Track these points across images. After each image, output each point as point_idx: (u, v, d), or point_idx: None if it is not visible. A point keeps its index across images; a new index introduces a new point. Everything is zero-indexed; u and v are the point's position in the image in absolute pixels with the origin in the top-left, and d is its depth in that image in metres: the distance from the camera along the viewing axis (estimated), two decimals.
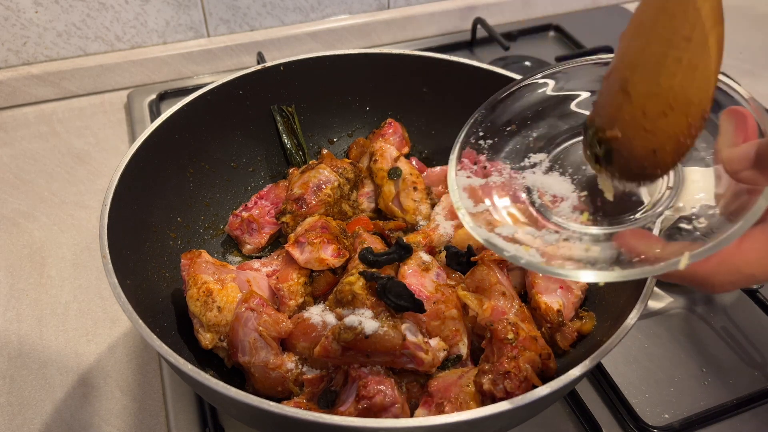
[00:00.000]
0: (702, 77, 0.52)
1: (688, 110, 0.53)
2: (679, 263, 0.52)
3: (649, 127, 0.54)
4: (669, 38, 0.52)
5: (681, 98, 0.52)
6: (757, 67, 1.54)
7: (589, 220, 0.64)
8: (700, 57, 0.51)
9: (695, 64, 0.52)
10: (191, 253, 0.83)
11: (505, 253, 0.61)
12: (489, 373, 0.70)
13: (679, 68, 0.52)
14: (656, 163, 0.56)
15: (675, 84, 0.52)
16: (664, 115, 0.53)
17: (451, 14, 1.59)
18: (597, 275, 0.57)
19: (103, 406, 0.87)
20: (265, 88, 1.02)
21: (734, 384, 0.88)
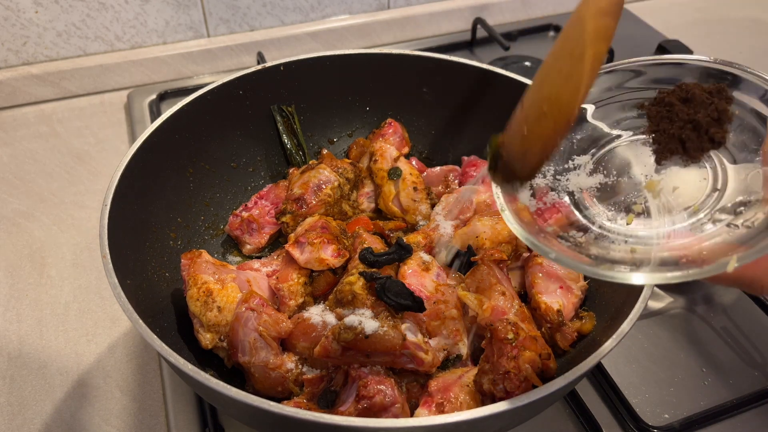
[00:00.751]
0: (573, 87, 0.56)
1: (557, 116, 0.58)
2: (728, 265, 0.52)
3: (526, 132, 0.60)
4: (559, 53, 0.59)
5: (554, 104, 0.58)
6: (757, 67, 1.53)
7: (635, 223, 0.64)
8: (575, 68, 0.56)
9: (570, 74, 0.56)
10: (191, 253, 0.83)
11: (550, 254, 0.61)
12: (489, 373, 0.70)
13: (558, 78, 0.58)
14: (524, 164, 0.62)
15: (552, 92, 0.58)
16: (538, 120, 0.59)
17: (451, 14, 1.59)
18: (646, 278, 0.56)
19: (103, 406, 0.87)
20: (265, 88, 1.02)
21: (734, 384, 0.88)
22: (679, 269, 0.55)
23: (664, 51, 1.46)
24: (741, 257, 0.52)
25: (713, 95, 0.59)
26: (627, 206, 0.65)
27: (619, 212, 0.65)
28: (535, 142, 0.60)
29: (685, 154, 0.60)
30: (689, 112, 0.59)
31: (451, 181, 1.04)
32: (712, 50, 1.57)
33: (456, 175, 1.04)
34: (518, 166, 0.63)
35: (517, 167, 0.63)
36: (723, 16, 1.74)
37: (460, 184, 1.03)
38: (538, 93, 0.60)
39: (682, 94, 0.60)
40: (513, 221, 0.65)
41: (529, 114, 0.60)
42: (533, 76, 0.75)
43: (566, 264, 0.61)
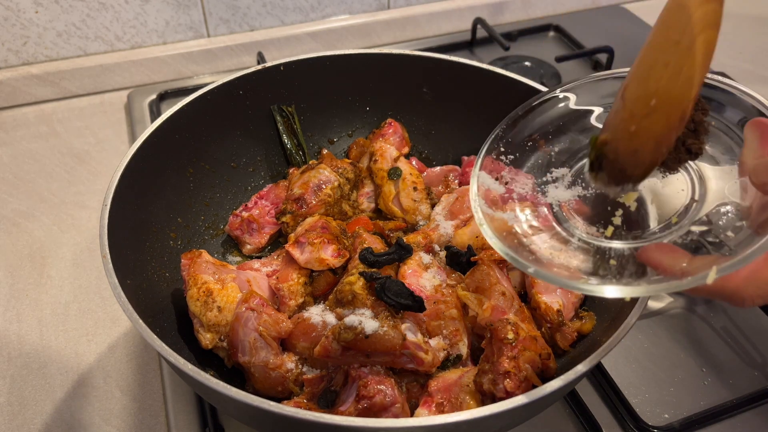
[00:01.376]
0: (685, 79, 0.53)
1: (669, 111, 0.54)
2: (707, 277, 0.51)
3: (634, 129, 0.56)
4: (661, 44, 0.54)
5: (664, 99, 0.54)
6: (757, 67, 1.54)
7: (614, 235, 0.64)
8: (684, 60, 0.53)
9: (680, 66, 0.53)
10: (191, 253, 0.83)
11: (528, 269, 0.61)
12: (489, 373, 0.70)
13: (665, 71, 0.54)
14: (636, 163, 0.58)
15: (660, 86, 0.54)
16: (648, 116, 0.55)
17: (451, 14, 1.59)
18: (622, 290, 0.56)
19: (103, 406, 0.87)
20: (265, 88, 1.02)
21: (734, 384, 0.88)
22: (659, 282, 0.55)
23: None
24: (721, 269, 0.51)
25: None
26: (606, 218, 0.65)
27: (598, 224, 0.65)
28: (646, 139, 0.56)
29: (662, 166, 0.59)
30: None
31: (451, 181, 1.04)
32: None
33: (456, 175, 1.04)
34: (630, 166, 0.58)
35: (629, 167, 0.58)
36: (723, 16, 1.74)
37: (460, 184, 1.03)
38: (643, 87, 0.56)
39: None
40: (492, 235, 0.65)
41: (635, 110, 0.56)
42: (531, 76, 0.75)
43: (545, 278, 0.61)
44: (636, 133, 0.56)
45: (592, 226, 0.66)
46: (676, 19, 0.53)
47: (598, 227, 0.65)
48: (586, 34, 1.56)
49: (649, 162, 0.58)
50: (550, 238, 0.66)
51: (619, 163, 0.59)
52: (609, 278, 0.59)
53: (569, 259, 0.63)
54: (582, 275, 0.60)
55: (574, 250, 0.64)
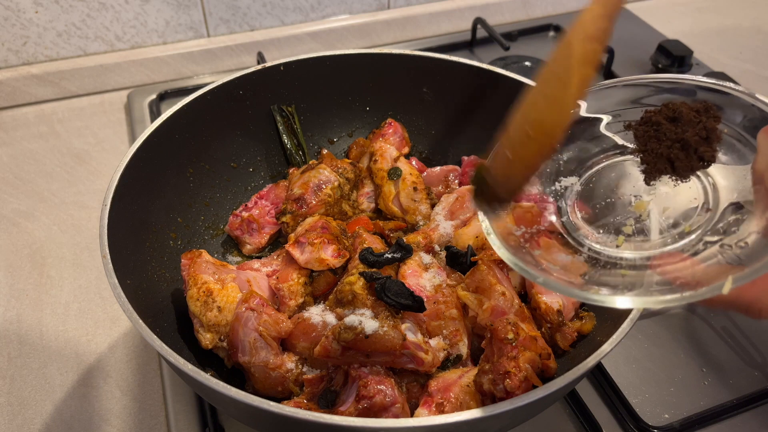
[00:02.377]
0: (558, 111, 0.57)
1: (541, 138, 0.58)
2: (723, 287, 0.50)
3: (510, 155, 0.60)
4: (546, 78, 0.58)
5: (538, 127, 0.58)
6: (757, 67, 1.54)
7: (625, 244, 0.63)
8: (560, 92, 0.56)
9: (555, 97, 0.57)
10: (191, 253, 0.83)
11: (537, 279, 0.60)
12: (489, 373, 0.70)
13: (543, 102, 0.58)
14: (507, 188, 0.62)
15: (537, 116, 0.58)
16: (523, 143, 0.59)
17: (451, 14, 1.59)
18: (634, 301, 0.55)
19: (103, 406, 0.87)
20: (265, 88, 1.02)
21: (734, 384, 0.88)
22: (673, 292, 0.54)
23: (665, 51, 1.46)
24: (737, 278, 0.50)
25: (701, 114, 0.58)
26: (617, 228, 0.64)
27: (609, 234, 0.64)
28: (518, 165, 0.60)
29: (674, 174, 0.59)
30: (677, 131, 0.58)
31: (451, 181, 1.04)
32: (712, 51, 1.57)
33: (456, 175, 1.04)
34: (501, 190, 0.63)
35: (500, 191, 0.63)
36: (723, 16, 1.74)
37: (460, 184, 1.03)
38: (523, 117, 0.60)
39: (669, 114, 0.59)
40: (499, 245, 0.64)
41: (513, 138, 0.60)
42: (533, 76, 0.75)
43: (554, 288, 0.60)
44: (511, 159, 0.60)
45: (603, 235, 0.65)
46: (560, 54, 0.57)
47: (609, 236, 0.64)
48: None
49: (517, 186, 0.62)
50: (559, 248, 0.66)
51: (494, 188, 0.63)
52: (620, 288, 0.58)
53: (579, 268, 0.62)
54: (592, 285, 0.60)
55: (584, 260, 0.63)
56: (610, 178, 0.69)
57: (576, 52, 0.55)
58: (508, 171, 0.61)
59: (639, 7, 1.74)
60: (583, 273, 0.62)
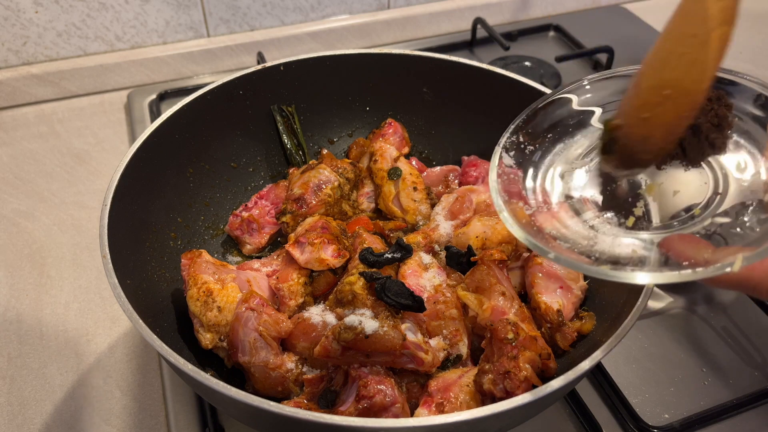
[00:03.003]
0: (698, 71, 0.56)
1: (681, 101, 0.57)
2: (734, 265, 0.51)
3: (646, 116, 0.58)
4: (677, 36, 0.57)
5: (677, 89, 0.56)
6: (757, 67, 1.54)
7: (635, 225, 0.63)
8: (699, 53, 0.55)
9: (694, 58, 0.55)
10: (191, 253, 0.83)
11: (549, 255, 0.60)
12: (489, 373, 0.70)
13: (680, 62, 0.56)
14: (646, 149, 0.60)
15: (674, 77, 0.56)
16: (660, 104, 0.57)
17: (451, 14, 1.59)
18: (654, 277, 0.56)
19: (103, 406, 0.87)
20: (265, 88, 1.02)
21: (734, 384, 0.88)
22: (685, 268, 0.55)
23: None
24: (747, 257, 0.51)
25: (713, 102, 0.58)
26: (627, 209, 0.65)
27: (619, 215, 0.65)
28: (657, 126, 0.59)
29: (685, 159, 0.60)
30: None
31: (451, 181, 1.04)
32: None
33: (456, 175, 1.04)
34: (640, 151, 0.61)
35: (638, 152, 0.61)
36: None
37: (460, 184, 1.03)
38: (658, 77, 0.58)
39: None
40: (511, 222, 0.65)
41: (648, 98, 0.59)
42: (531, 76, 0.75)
43: (567, 264, 0.60)
44: (648, 120, 0.58)
45: (613, 216, 0.65)
46: (693, 13, 0.55)
47: (619, 218, 0.65)
48: (586, 34, 1.56)
49: (658, 148, 0.60)
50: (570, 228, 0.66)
51: (630, 148, 0.61)
52: (630, 267, 0.58)
53: (589, 247, 0.62)
54: (604, 262, 0.60)
55: (595, 239, 0.63)
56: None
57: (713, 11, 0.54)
58: (646, 132, 0.60)
59: (639, 7, 1.74)
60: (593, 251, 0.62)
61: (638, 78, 0.60)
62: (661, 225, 0.63)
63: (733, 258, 0.52)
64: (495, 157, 0.71)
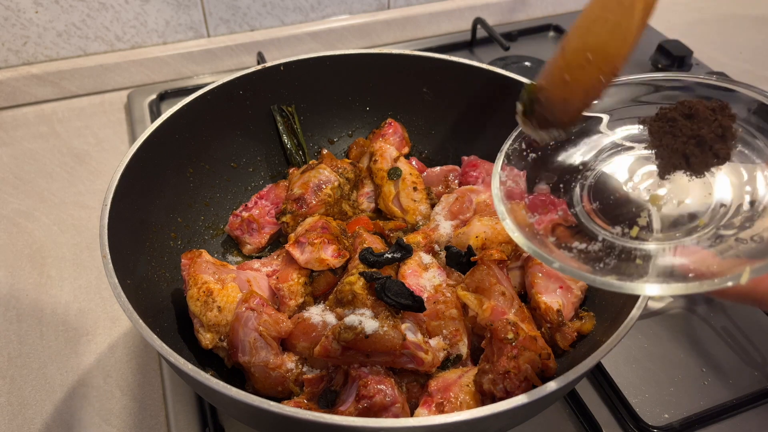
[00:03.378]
0: (621, 37, 0.58)
1: (602, 65, 0.59)
2: (741, 277, 0.51)
3: (568, 78, 0.61)
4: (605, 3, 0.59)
5: (599, 53, 0.59)
6: (757, 67, 1.54)
7: (639, 235, 0.63)
8: (624, 18, 0.57)
9: (618, 23, 0.57)
10: (191, 253, 0.83)
11: (553, 264, 0.60)
12: (489, 373, 0.70)
13: (604, 28, 0.58)
14: (565, 110, 0.63)
15: (598, 41, 0.59)
16: (582, 67, 0.60)
17: (451, 14, 1.59)
18: (661, 288, 0.55)
19: (103, 406, 0.87)
20: (265, 88, 1.02)
21: (734, 384, 0.88)
22: (691, 280, 0.54)
23: (664, 51, 1.46)
24: (755, 269, 0.51)
25: (716, 112, 0.58)
26: (631, 219, 0.65)
27: (623, 225, 0.65)
28: (577, 89, 0.61)
29: (689, 169, 0.59)
30: (693, 128, 0.58)
31: (451, 181, 1.04)
32: (712, 50, 1.57)
33: (456, 175, 1.04)
34: (558, 112, 0.63)
35: (557, 113, 0.63)
36: (723, 16, 1.74)
37: (460, 184, 1.03)
38: (582, 41, 0.60)
39: (685, 111, 0.60)
40: (514, 229, 0.64)
41: (571, 61, 0.61)
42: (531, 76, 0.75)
43: (571, 273, 0.60)
44: (569, 82, 0.61)
45: (616, 226, 0.65)
46: None
47: (623, 227, 0.65)
48: None
49: (576, 110, 0.62)
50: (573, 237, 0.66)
51: (550, 109, 0.63)
52: (635, 277, 0.58)
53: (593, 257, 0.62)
54: (608, 272, 0.60)
55: (598, 250, 0.63)
56: (620, 173, 0.70)
57: None
58: (566, 94, 0.62)
59: None
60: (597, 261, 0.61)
61: (564, 41, 0.62)
62: (665, 236, 0.63)
63: (739, 270, 0.51)
64: (498, 164, 0.71)
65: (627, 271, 0.59)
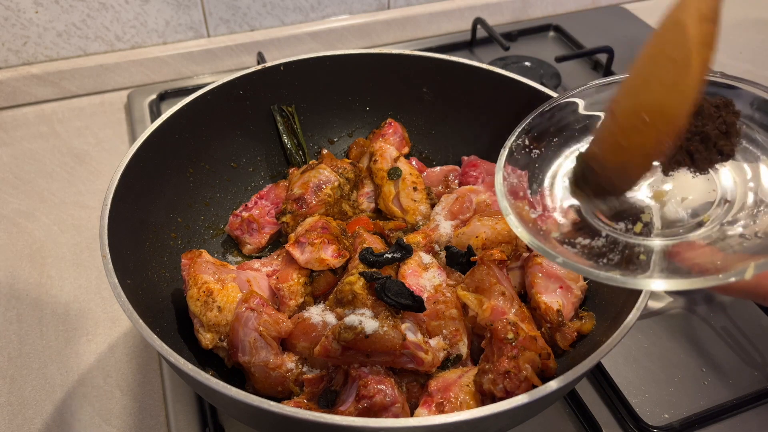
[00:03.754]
0: (679, 96, 0.55)
1: (662, 127, 0.56)
2: (746, 273, 0.51)
3: (624, 143, 0.57)
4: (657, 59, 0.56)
5: (657, 115, 0.55)
6: (757, 67, 1.54)
7: (643, 232, 0.63)
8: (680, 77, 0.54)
9: (675, 82, 0.54)
10: (191, 253, 0.83)
11: (557, 259, 0.60)
12: (489, 373, 0.70)
13: (660, 87, 0.55)
14: (623, 177, 0.60)
15: (655, 101, 0.55)
16: (639, 130, 0.56)
17: (450, 14, 1.59)
18: (665, 284, 0.55)
19: (103, 406, 0.87)
20: (265, 88, 1.02)
21: (734, 384, 0.88)
22: (695, 276, 0.54)
23: None
24: (759, 264, 0.51)
25: (720, 109, 0.58)
26: (634, 216, 0.65)
27: (627, 221, 0.65)
28: (635, 153, 0.58)
29: (692, 166, 0.59)
30: (697, 125, 0.58)
31: (451, 181, 1.04)
32: None
33: (456, 175, 1.04)
34: (616, 179, 0.60)
35: (615, 180, 0.60)
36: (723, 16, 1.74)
37: (460, 184, 1.03)
38: (634, 101, 0.57)
39: None
40: (518, 225, 0.64)
41: (625, 124, 0.57)
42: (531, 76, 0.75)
43: (574, 269, 0.60)
44: (626, 147, 0.57)
45: (620, 222, 0.65)
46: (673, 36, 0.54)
47: (627, 223, 0.65)
48: (586, 34, 1.56)
49: (636, 176, 0.60)
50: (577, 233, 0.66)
51: (605, 177, 0.60)
52: (639, 273, 0.58)
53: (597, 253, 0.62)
54: (612, 268, 0.60)
55: (602, 246, 0.63)
56: None
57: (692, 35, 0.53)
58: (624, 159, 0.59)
59: (639, 7, 1.74)
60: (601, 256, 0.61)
61: (614, 104, 0.59)
62: (669, 232, 0.63)
63: (744, 265, 0.51)
64: (501, 160, 0.71)
65: (630, 267, 0.59)
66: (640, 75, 0.57)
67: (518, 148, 0.72)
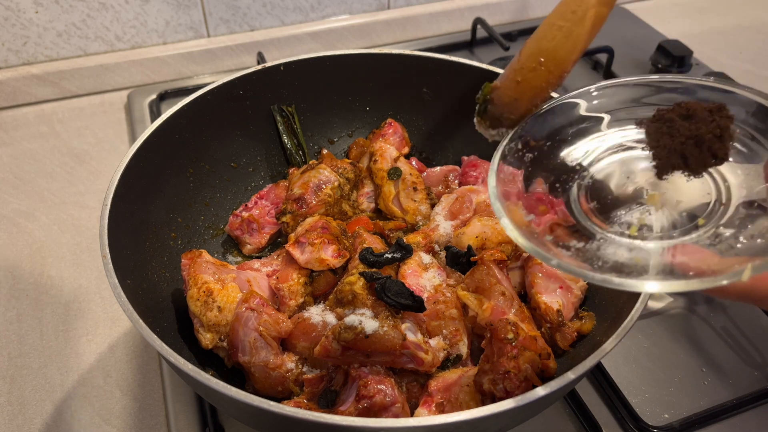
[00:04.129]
0: (572, 43, 0.65)
1: (552, 68, 0.66)
2: (743, 274, 0.51)
3: (520, 79, 0.68)
4: (561, 11, 0.66)
5: (550, 57, 0.66)
6: (757, 67, 1.54)
7: (638, 234, 0.63)
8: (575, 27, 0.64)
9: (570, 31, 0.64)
10: (191, 253, 0.83)
11: (551, 261, 0.60)
12: (489, 373, 0.70)
13: (558, 34, 0.65)
14: (513, 110, 0.69)
15: (550, 46, 0.66)
16: (534, 70, 0.67)
17: (450, 14, 1.59)
18: (660, 286, 0.55)
19: (103, 406, 0.87)
20: (265, 88, 1.02)
21: (734, 384, 0.88)
22: (692, 278, 0.54)
23: (664, 51, 1.46)
24: (756, 266, 0.51)
25: (714, 113, 0.59)
26: (629, 219, 0.65)
27: (621, 225, 0.65)
28: (526, 90, 0.67)
29: (686, 169, 0.60)
30: (691, 128, 0.58)
31: (451, 181, 1.04)
32: (712, 51, 1.57)
33: (456, 175, 1.04)
34: (506, 112, 0.70)
35: (506, 113, 0.70)
36: (723, 16, 1.74)
37: (460, 184, 1.03)
38: (536, 46, 0.66)
39: (682, 111, 0.60)
40: (511, 227, 0.64)
41: (525, 64, 0.67)
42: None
43: (569, 271, 0.60)
44: (520, 84, 0.67)
45: (614, 225, 0.65)
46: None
47: (621, 227, 0.65)
48: None
49: (523, 110, 0.69)
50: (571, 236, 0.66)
51: (501, 108, 0.70)
52: (635, 275, 0.58)
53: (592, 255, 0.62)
54: (608, 270, 0.60)
55: (597, 249, 0.63)
56: (617, 173, 0.70)
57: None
58: (516, 94, 0.68)
59: (639, 7, 1.74)
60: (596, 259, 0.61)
61: (523, 47, 0.68)
62: (664, 235, 0.63)
63: (740, 267, 0.51)
64: (494, 163, 0.71)
65: (626, 269, 0.59)
66: (547, 23, 0.66)
67: (511, 151, 0.72)
